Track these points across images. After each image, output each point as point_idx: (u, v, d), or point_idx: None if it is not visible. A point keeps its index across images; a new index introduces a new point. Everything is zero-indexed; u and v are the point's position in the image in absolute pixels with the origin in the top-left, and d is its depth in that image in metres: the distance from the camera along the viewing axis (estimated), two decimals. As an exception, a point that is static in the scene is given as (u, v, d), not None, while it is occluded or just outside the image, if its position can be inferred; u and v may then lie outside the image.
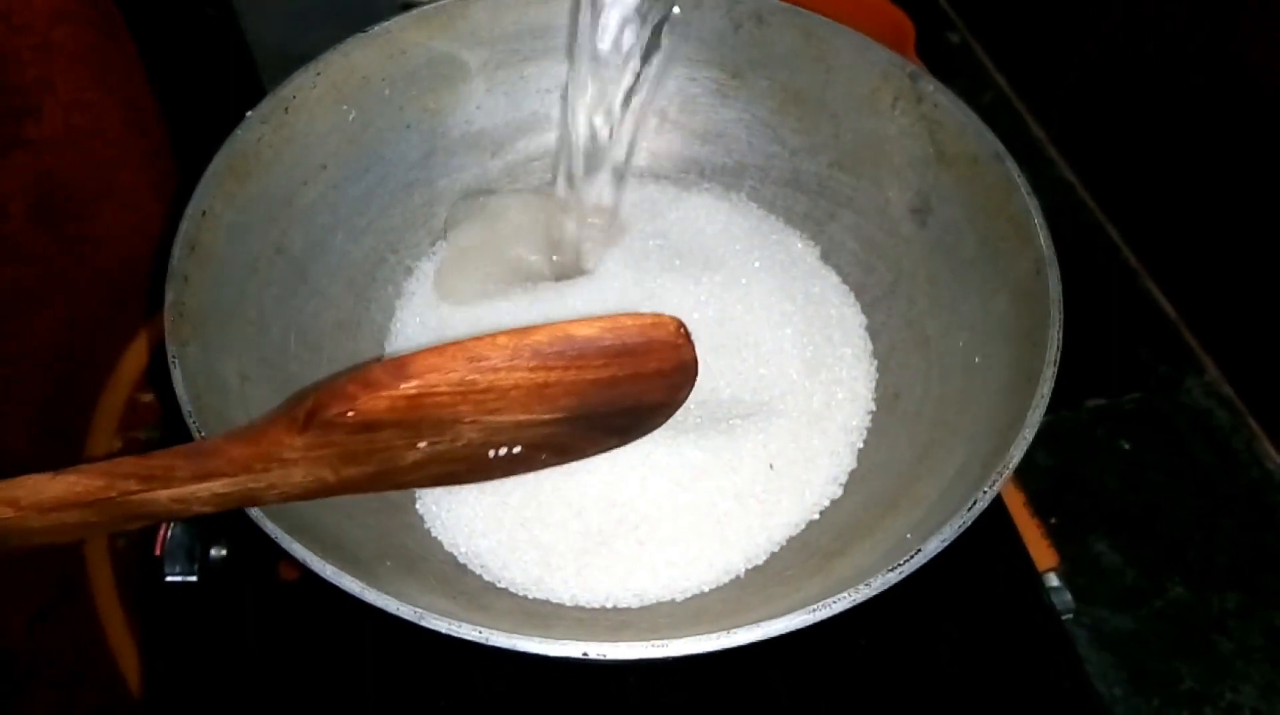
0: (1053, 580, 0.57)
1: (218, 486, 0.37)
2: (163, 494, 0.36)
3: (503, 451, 0.41)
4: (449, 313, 0.57)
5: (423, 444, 0.39)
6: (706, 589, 0.48)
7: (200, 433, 0.41)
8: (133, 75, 0.72)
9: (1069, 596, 0.56)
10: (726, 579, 0.49)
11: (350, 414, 0.36)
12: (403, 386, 0.36)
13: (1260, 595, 0.63)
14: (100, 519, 0.36)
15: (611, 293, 0.56)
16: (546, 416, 0.40)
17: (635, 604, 0.48)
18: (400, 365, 0.36)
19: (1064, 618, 0.56)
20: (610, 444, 0.46)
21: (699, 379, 0.48)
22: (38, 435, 0.75)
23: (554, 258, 0.59)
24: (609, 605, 0.48)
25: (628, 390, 0.41)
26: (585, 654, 0.37)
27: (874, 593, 0.38)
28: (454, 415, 0.38)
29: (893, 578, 0.38)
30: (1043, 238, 0.48)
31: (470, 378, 0.37)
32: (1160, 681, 0.59)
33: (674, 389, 0.43)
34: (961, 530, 0.39)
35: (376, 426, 0.37)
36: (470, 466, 0.42)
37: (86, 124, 0.68)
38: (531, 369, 0.37)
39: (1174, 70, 0.71)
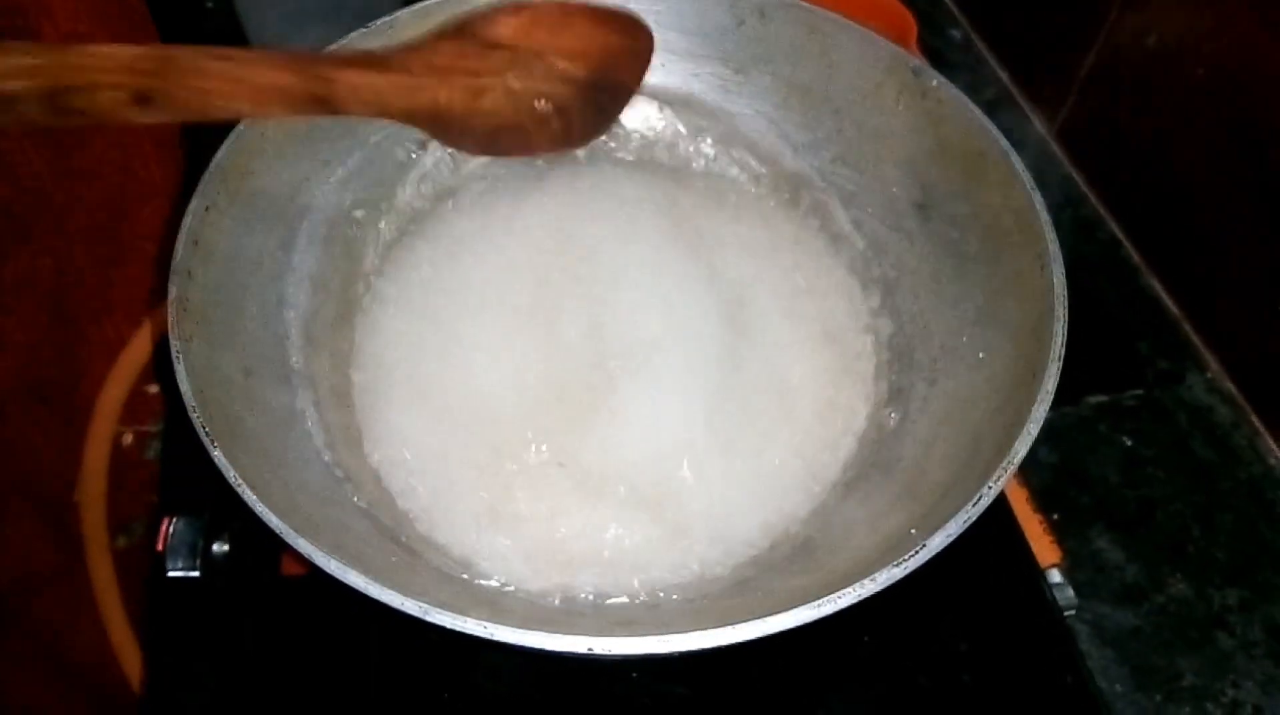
0: (1055, 576, 0.57)
1: (381, 81, 0.47)
2: (350, 77, 0.46)
3: (542, 105, 0.51)
4: (446, 309, 0.57)
5: (513, 80, 0.50)
6: (709, 583, 0.48)
7: (204, 428, 0.41)
8: (129, 17, 0.72)
9: (1071, 592, 0.56)
10: (729, 573, 0.48)
11: (489, 29, 0.49)
12: (521, 13, 0.49)
13: (1261, 591, 0.62)
14: (301, 94, 0.45)
15: (626, 280, 0.56)
16: (578, 72, 0.52)
17: (640, 598, 0.47)
18: (519, 4, 0.49)
19: (1066, 614, 0.56)
20: (594, 126, 0.56)
21: (711, 376, 0.48)
22: (30, 384, 0.75)
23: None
24: (614, 601, 0.48)
25: (619, 63, 0.54)
26: (590, 649, 0.37)
27: (878, 588, 0.38)
28: (542, 45, 0.50)
29: (897, 573, 0.38)
30: (1047, 234, 0.47)
31: (561, 16, 0.50)
32: (1162, 677, 0.59)
33: (638, 73, 0.55)
34: (966, 526, 0.39)
35: (499, 45, 0.49)
36: (513, 116, 0.51)
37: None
38: (589, 28, 0.51)
39: (1176, 64, 0.71)
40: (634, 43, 0.54)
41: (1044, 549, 0.59)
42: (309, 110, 0.46)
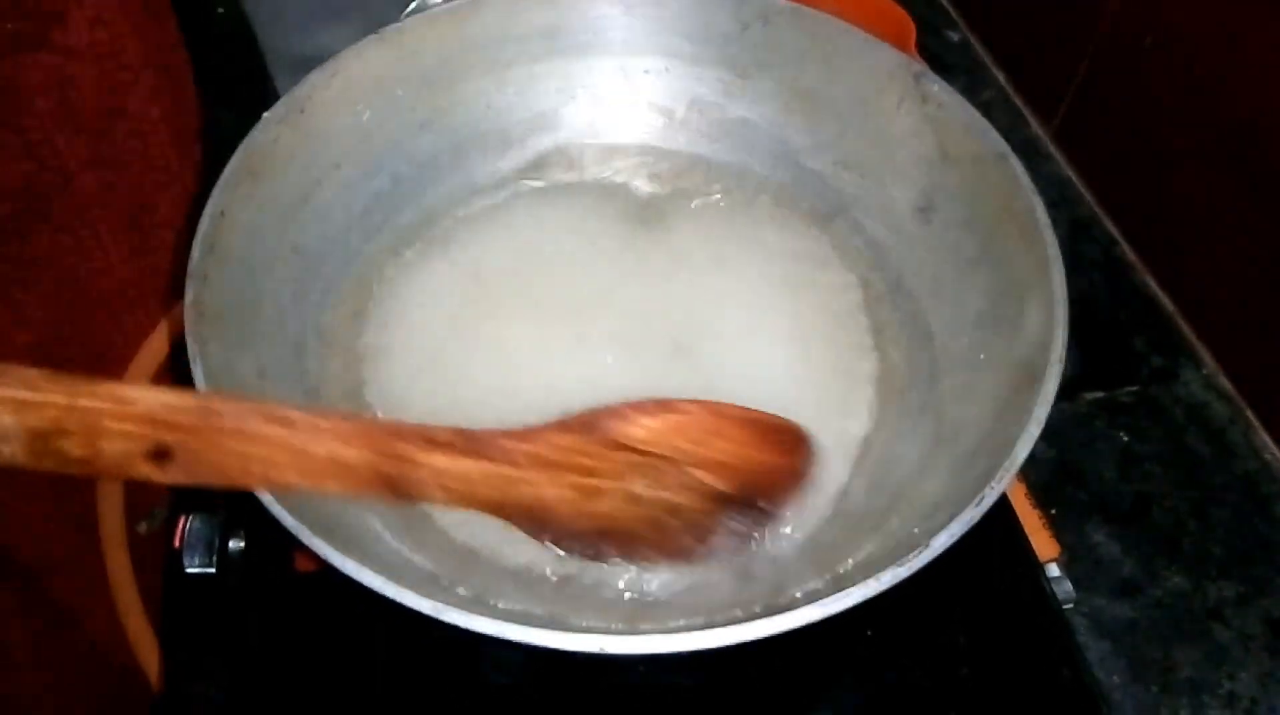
0: (1053, 570, 0.58)
1: (475, 470, 0.39)
2: (436, 460, 0.38)
3: (668, 519, 0.44)
4: (458, 311, 0.57)
5: (638, 485, 0.42)
6: (717, 585, 0.49)
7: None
8: (153, 11, 0.73)
9: (1069, 586, 0.57)
10: (736, 575, 0.49)
11: (621, 428, 0.41)
12: (664, 416, 0.42)
13: (1257, 585, 0.63)
14: (367, 475, 0.38)
15: (625, 288, 0.57)
16: (719, 487, 0.44)
17: (648, 597, 0.48)
18: (665, 403, 0.42)
19: (1064, 607, 0.56)
20: (722, 546, 0.47)
21: (703, 376, 0.48)
22: (50, 364, 0.75)
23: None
24: (624, 597, 0.48)
25: (771, 483, 0.46)
26: (602, 648, 0.37)
27: (883, 588, 0.38)
28: (681, 455, 0.42)
29: (902, 572, 0.39)
30: (1048, 238, 0.48)
31: (712, 424, 0.42)
32: (1159, 670, 0.60)
33: (791, 496, 0.48)
34: (969, 526, 0.40)
35: (627, 447, 0.41)
36: (628, 524, 0.44)
37: (106, 41, 0.69)
38: (742, 443, 0.43)
39: (1172, 65, 0.72)
40: (792, 463, 0.47)
41: (1043, 543, 0.60)
42: (371, 493, 0.39)
